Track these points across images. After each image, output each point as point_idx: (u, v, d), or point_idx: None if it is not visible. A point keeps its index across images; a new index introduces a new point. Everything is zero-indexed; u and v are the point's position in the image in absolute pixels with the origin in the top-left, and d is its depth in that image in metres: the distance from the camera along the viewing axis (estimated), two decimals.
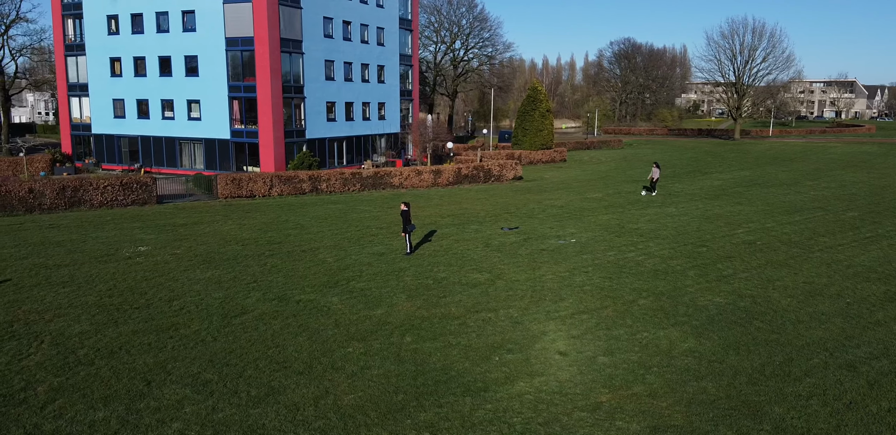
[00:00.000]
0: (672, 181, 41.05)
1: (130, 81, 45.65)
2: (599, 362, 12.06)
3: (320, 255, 20.38)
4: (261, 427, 9.59)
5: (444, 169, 41.34)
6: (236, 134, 42.97)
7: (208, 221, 26.64)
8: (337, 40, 45.96)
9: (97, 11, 45.53)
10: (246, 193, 35.10)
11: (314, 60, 44.13)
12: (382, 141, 52.93)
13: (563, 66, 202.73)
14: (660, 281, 17.41)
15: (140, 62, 44.99)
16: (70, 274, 17.91)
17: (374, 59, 50.30)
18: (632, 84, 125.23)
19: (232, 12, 40.98)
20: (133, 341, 12.93)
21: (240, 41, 41.26)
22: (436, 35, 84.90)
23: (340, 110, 47.39)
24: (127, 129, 46.75)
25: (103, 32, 45.70)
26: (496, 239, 22.84)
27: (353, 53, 47.76)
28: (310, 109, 44.35)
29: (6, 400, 10.26)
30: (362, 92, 49.49)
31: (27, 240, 22.56)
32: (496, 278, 17.66)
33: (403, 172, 39.79)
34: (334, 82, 46.27)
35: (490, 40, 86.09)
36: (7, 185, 30.16)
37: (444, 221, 26.72)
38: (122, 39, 45.18)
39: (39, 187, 30.59)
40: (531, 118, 55.09)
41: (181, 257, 20.06)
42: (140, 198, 32.72)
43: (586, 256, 20.31)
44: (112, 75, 46.25)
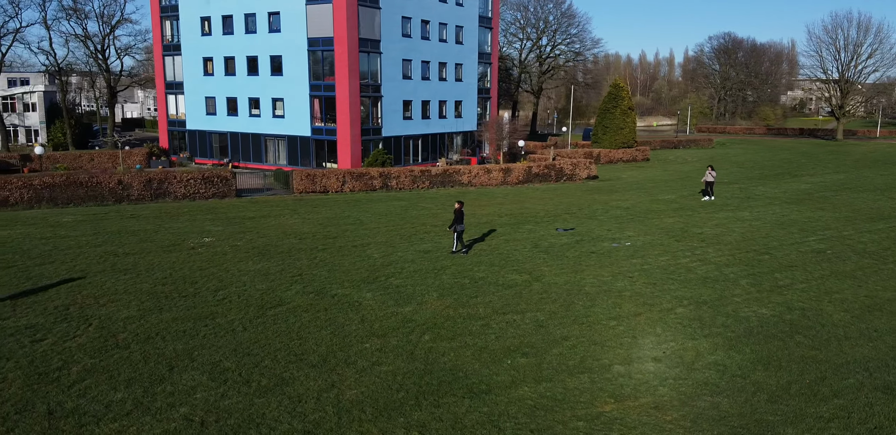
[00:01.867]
0: (756, 184, 39.01)
1: (221, 80, 48.06)
2: (614, 371, 11.72)
3: (368, 250, 20.81)
4: (260, 416, 9.97)
5: (514, 167, 41.09)
6: (316, 131, 44.39)
7: (276, 215, 27.74)
8: (415, 39, 46.54)
9: (192, 13, 48.21)
10: (319, 189, 36.24)
11: (392, 59, 44.90)
12: (458, 139, 53.19)
13: (661, 61, 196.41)
14: (706, 289, 16.67)
15: (230, 62, 47.28)
16: (134, 262, 19.17)
17: (453, 57, 50.58)
18: (731, 80, 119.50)
19: (314, 13, 42.34)
20: (170, 328, 13.71)
21: (321, 41, 42.58)
22: (521, 32, 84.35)
23: (417, 108, 48.00)
24: (217, 126, 49.26)
25: (197, 33, 48.35)
26: (547, 240, 22.53)
27: (430, 52, 48.23)
28: (386, 108, 45.18)
29: (41, 377, 11.16)
30: (439, 90, 49.89)
31: (106, 229, 24.29)
32: (534, 280, 17.45)
33: (472, 170, 39.87)
34: (411, 81, 46.91)
35: (578, 36, 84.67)
36: (98, 177, 32.54)
37: (502, 220, 26.61)
38: (214, 40, 47.63)
39: (127, 180, 32.81)
40: (612, 116, 53.78)
41: (239, 249, 21.02)
42: (220, 191, 34.45)
43: (636, 260, 19.70)
44: (205, 74, 48.86)
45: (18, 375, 11.22)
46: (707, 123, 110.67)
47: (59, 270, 18.06)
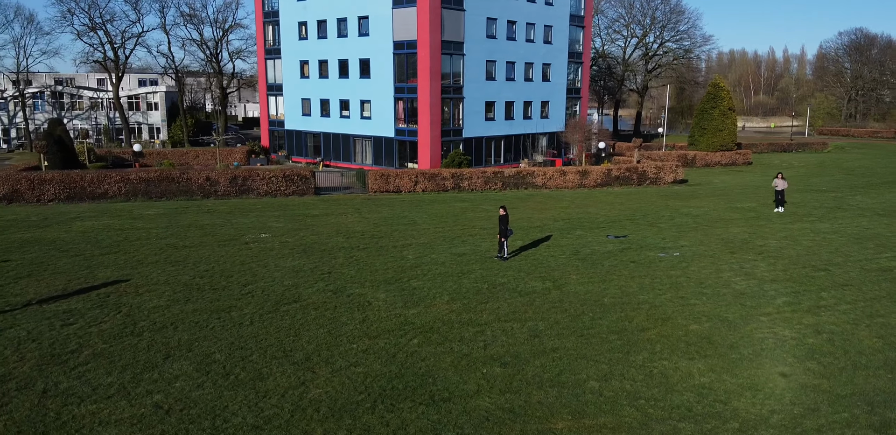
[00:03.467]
0: (855, 192, 35.88)
1: (316, 82, 50.17)
2: (587, 387, 11.36)
3: (405, 251, 21.16)
4: (222, 408, 10.53)
5: (593, 170, 40.10)
6: (399, 132, 45.38)
7: (339, 213, 28.73)
8: (500, 40, 46.45)
9: (291, 18, 50.63)
10: (392, 189, 37.08)
11: (475, 61, 45.06)
12: (544, 140, 52.53)
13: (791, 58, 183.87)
14: (735, 306, 15.67)
15: (323, 65, 49.25)
16: (186, 255, 20.57)
17: (540, 57, 50.01)
18: (864, 79, 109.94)
19: (399, 17, 43.28)
20: (186, 319, 14.67)
21: (405, 44, 43.47)
22: (626, 29, 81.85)
23: (500, 109, 47.89)
24: (312, 126, 51.48)
25: (295, 37, 50.73)
26: (592, 247, 21.94)
27: (516, 53, 47.94)
28: (468, 109, 45.43)
29: (53, 358, 12.33)
30: (524, 91, 49.50)
31: (179, 222, 26.15)
32: (555, 288, 17.10)
33: (547, 172, 39.31)
34: (495, 82, 46.86)
35: (687, 33, 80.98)
36: (188, 173, 35.00)
37: (556, 224, 26.15)
38: (310, 44, 49.78)
39: (215, 176, 35.06)
40: (710, 117, 51.18)
41: (286, 245, 22.02)
42: (300, 189, 36.06)
43: (675, 271, 18.81)
44: (301, 77, 51.19)
45: (35, 355, 12.46)
46: (834, 125, 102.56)
47: (118, 260, 19.73)
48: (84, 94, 70.92)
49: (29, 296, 16.11)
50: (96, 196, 33.29)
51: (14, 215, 27.73)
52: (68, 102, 70.60)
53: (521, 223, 26.26)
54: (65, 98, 70.54)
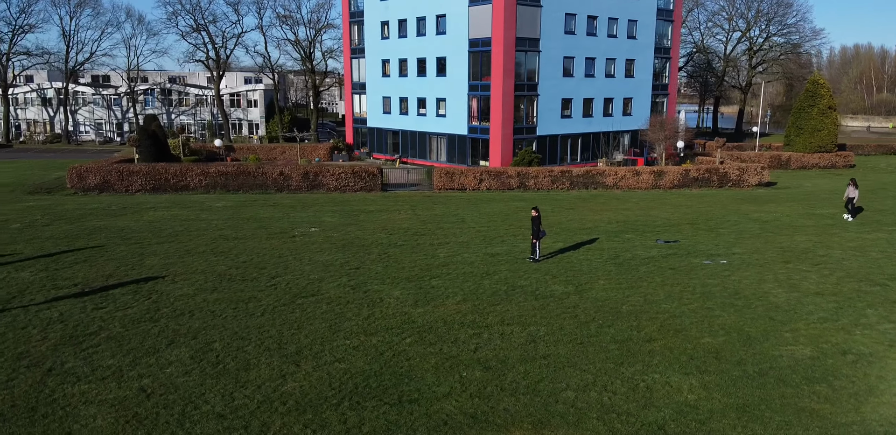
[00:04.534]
0: None
1: (396, 81, 50.99)
2: (561, 397, 10.96)
3: (440, 250, 21.18)
4: (198, 395, 10.99)
5: (669, 170, 38.44)
6: (472, 130, 45.35)
7: (393, 210, 29.14)
8: (579, 36, 45.35)
9: (374, 18, 51.68)
10: (457, 186, 37.15)
11: (551, 57, 44.26)
12: (626, 138, 50.86)
13: None
14: (760, 320, 14.64)
15: (403, 63, 49.96)
16: (233, 246, 21.55)
17: (623, 53, 48.42)
18: None
19: (475, 14, 43.19)
20: (205, 307, 15.40)
21: (480, 42, 43.33)
22: (728, 22, 77.59)
23: (577, 107, 46.81)
24: (391, 124, 52.39)
25: (377, 37, 51.75)
26: (635, 252, 21.10)
27: (597, 48, 46.65)
28: (542, 106, 44.72)
29: (71, 339, 13.30)
30: (605, 87, 48.12)
31: (241, 215, 27.39)
32: (575, 293, 16.60)
33: (619, 172, 38.07)
34: (572, 78, 45.84)
35: (795, 26, 75.80)
36: (263, 168, 36.58)
37: (608, 227, 25.32)
38: (391, 43, 50.63)
39: (288, 171, 36.47)
40: (807, 116, 47.73)
41: (329, 240, 22.59)
42: (367, 185, 36.85)
43: (713, 280, 17.77)
44: (383, 75, 52.17)
45: (57, 335, 13.49)
46: None
47: (169, 249, 20.95)
48: (190, 92, 75.50)
49: (77, 280, 17.45)
50: (179, 188, 35.45)
51: (98, 204, 30.03)
52: (176, 99, 75.43)
53: (571, 225, 25.64)
54: (173, 95, 75.41)
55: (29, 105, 75.30)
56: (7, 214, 26.85)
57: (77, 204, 30.07)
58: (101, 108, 75.94)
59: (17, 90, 73.71)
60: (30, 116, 75.66)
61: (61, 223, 25.15)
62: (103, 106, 75.92)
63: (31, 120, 75.83)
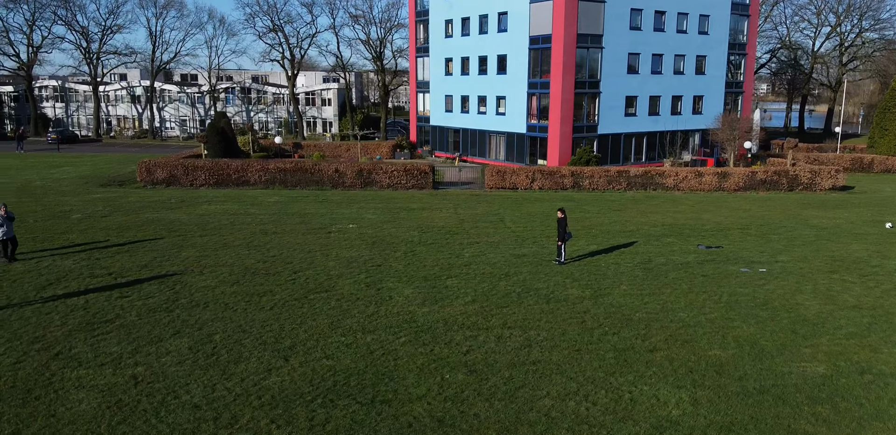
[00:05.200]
0: None
1: (458, 79, 50.97)
2: (536, 405, 10.60)
3: (467, 249, 20.98)
4: (182, 386, 11.29)
5: (734, 172, 36.66)
6: (531, 128, 44.76)
7: (436, 208, 29.12)
8: (645, 32, 43.89)
9: (438, 17, 51.80)
10: (508, 185, 36.74)
11: (615, 54, 43.06)
12: (696, 138, 48.86)
13: None
14: (781, 334, 13.71)
15: (465, 62, 49.86)
16: (268, 241, 22.09)
17: (694, 49, 46.50)
18: None
19: (536, 11, 42.55)
20: (221, 300, 15.84)
21: (540, 39, 42.67)
22: (816, 17, 73.11)
23: (643, 105, 45.34)
24: (453, 122, 52.42)
25: (441, 35, 51.85)
26: (670, 257, 20.23)
27: (664, 45, 45.02)
28: (605, 104, 43.57)
29: (86, 326, 13.97)
30: (673, 85, 46.38)
31: (287, 210, 28.07)
32: (590, 298, 16.07)
33: (680, 173, 36.62)
34: (637, 76, 44.42)
35: (889, 22, 70.60)
36: (320, 165, 37.36)
37: (652, 230, 24.40)
38: (454, 41, 50.63)
39: (342, 169, 37.12)
40: (892, 116, 44.45)
41: (362, 236, 22.79)
42: (419, 183, 37.01)
43: (744, 289, 16.80)
44: (446, 74, 52.25)
45: (76, 322, 14.21)
46: None
47: (207, 242, 21.70)
48: (268, 90, 78.10)
49: (113, 269, 18.36)
50: (240, 183, 36.70)
51: (159, 197, 31.50)
52: (255, 97, 78.21)
53: (613, 227, 24.87)
54: (252, 93, 78.23)
55: (119, 102, 79.89)
56: (73, 205, 28.58)
57: (140, 197, 31.65)
58: (186, 106, 79.66)
59: (108, 88, 78.36)
60: (120, 113, 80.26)
61: (118, 215, 26.53)
62: (188, 103, 79.62)
63: (121, 116, 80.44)
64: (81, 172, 41.08)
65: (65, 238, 22.07)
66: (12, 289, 16.35)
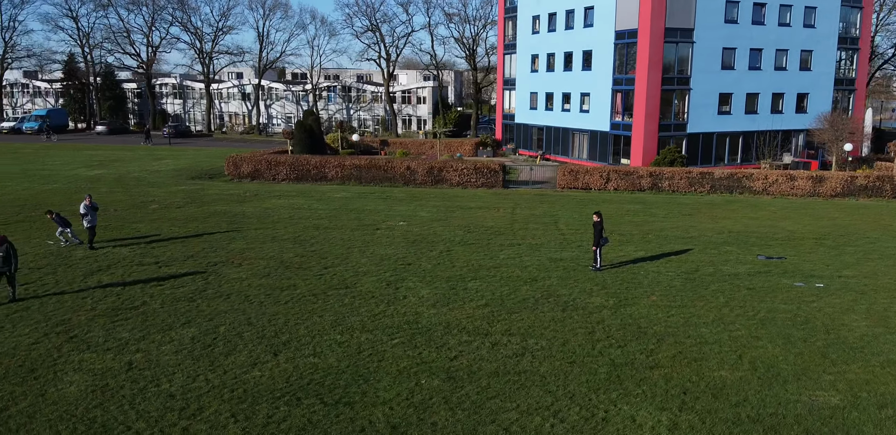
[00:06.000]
0: None
1: (543, 76, 50.01)
2: (501, 418, 10.12)
3: (505, 251, 20.48)
4: (168, 374, 11.66)
5: (830, 176, 33.70)
6: (615, 126, 43.17)
7: (493, 207, 28.65)
8: (742, 25, 41.10)
9: (526, 13, 51.01)
10: (581, 185, 35.65)
11: (707, 49, 40.63)
12: (800, 138, 45.28)
13: None
14: (809, 356, 12.38)
15: (551, 58, 48.81)
16: (315, 235, 22.56)
17: (798, 43, 43.06)
18: None
19: (622, 5, 40.91)
20: (244, 292, 16.31)
21: (626, 34, 41.00)
22: None
23: (738, 102, 42.53)
24: (537, 120, 51.53)
25: (528, 32, 51.03)
26: (720, 266, 18.84)
27: (764, 39, 41.98)
28: (695, 102, 41.25)
29: (112, 312, 14.79)
30: (774, 82, 43.20)
31: (348, 206, 28.55)
32: (611, 307, 15.22)
33: (770, 176, 34.10)
34: (733, 72, 41.70)
35: None
36: (392, 162, 37.81)
37: (714, 237, 22.83)
38: (541, 37, 49.68)
39: (414, 166, 37.40)
40: None
41: (406, 234, 22.78)
42: (489, 181, 36.67)
43: (789, 305, 15.34)
44: (531, 71, 51.42)
45: (104, 307, 15.08)
46: None
47: (259, 235, 22.46)
48: (367, 89, 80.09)
49: (162, 258, 19.38)
50: (318, 179, 37.83)
51: (236, 190, 33.00)
52: (354, 96, 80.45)
53: (672, 233, 23.50)
54: (352, 92, 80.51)
55: (231, 99, 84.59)
56: (155, 196, 30.50)
57: (219, 190, 33.30)
58: (291, 103, 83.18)
59: (221, 85, 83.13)
60: (232, 109, 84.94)
61: (191, 207, 28.04)
62: (292, 101, 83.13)
63: (232, 112, 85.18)
64: (179, 165, 43.78)
65: (132, 228, 23.57)
66: (64, 274, 17.64)
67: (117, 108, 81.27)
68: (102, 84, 78.75)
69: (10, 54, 77.38)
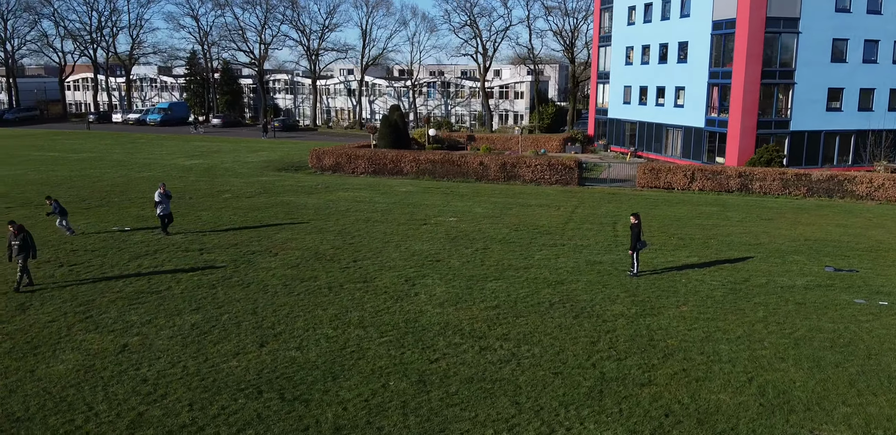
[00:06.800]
0: None
1: (637, 69, 47.71)
2: (450, 428, 9.50)
3: (543, 251, 19.56)
4: (154, 358, 11.94)
5: None
6: (710, 123, 40.40)
7: (554, 206, 27.53)
8: (856, 14, 37.13)
9: (622, 3, 48.79)
10: (663, 185, 33.68)
11: (815, 40, 37.06)
12: None
13: None
14: (825, 384, 10.87)
15: (646, 50, 46.45)
16: (360, 228, 22.58)
17: None
18: None
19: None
20: (265, 281, 16.50)
21: (724, 24, 38.19)
22: None
23: (851, 98, 38.55)
24: (630, 115, 49.27)
25: (624, 23, 48.80)
26: (777, 278, 17.04)
27: (881, 29, 37.71)
28: (799, 97, 37.79)
29: (136, 295, 15.36)
30: (892, 76, 38.79)
31: (408, 201, 28.45)
32: (628, 317, 14.09)
33: (875, 180, 30.68)
34: (845, 65, 37.82)
35: None
36: (466, 157, 37.39)
37: (783, 245, 20.75)
38: (636, 29, 47.38)
39: (487, 161, 36.80)
40: None
41: (449, 230, 22.29)
42: (563, 178, 35.44)
43: (835, 325, 13.58)
44: (625, 64, 49.18)
45: (130, 290, 15.72)
46: None
47: (307, 227, 22.77)
48: (465, 84, 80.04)
49: (208, 246, 20.06)
50: (394, 173, 38.10)
51: (310, 182, 33.79)
52: (453, 91, 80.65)
53: (739, 238, 21.60)
54: (450, 87, 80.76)
55: (337, 95, 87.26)
56: (233, 186, 31.79)
57: (295, 181, 34.25)
58: (393, 99, 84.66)
59: (328, 81, 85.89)
60: (338, 105, 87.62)
61: (261, 197, 28.97)
62: (394, 97, 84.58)
63: (338, 108, 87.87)
64: (271, 157, 45.52)
65: (196, 215, 24.64)
66: (113, 257, 18.63)
67: (234, 102, 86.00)
68: (221, 79, 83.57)
69: (137, 51, 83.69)
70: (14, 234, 15.28)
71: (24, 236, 15.41)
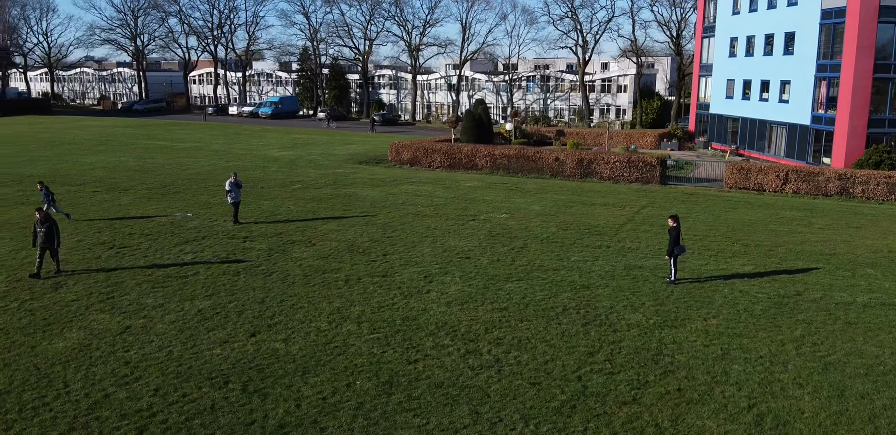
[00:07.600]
0: None
1: (741, 61, 44.42)
2: (399, 432, 8.97)
3: (581, 253, 18.47)
4: (144, 343, 12.20)
5: None
6: (816, 120, 36.91)
7: (621, 205, 26.05)
8: None
9: None
10: (753, 186, 31.13)
11: None
12: None
13: None
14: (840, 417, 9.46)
15: (751, 41, 43.10)
16: (407, 222, 22.32)
17: None
18: None
19: None
20: (289, 271, 16.62)
21: (833, 12, 34.66)
22: None
23: None
24: (733, 110, 46.01)
25: (728, 12, 45.54)
26: (836, 292, 15.20)
27: None
28: None
29: (164, 278, 15.89)
30: None
31: (468, 196, 27.91)
32: (644, 328, 12.93)
33: None
34: None
35: None
36: (541, 153, 36.30)
37: (860, 256, 18.46)
38: (741, 19, 44.08)
39: (563, 157, 35.56)
40: None
41: (494, 227, 21.60)
42: (644, 176, 33.61)
43: (876, 349, 11.90)
44: (729, 56, 45.91)
45: (160, 274, 16.31)
46: None
47: (356, 219, 22.86)
48: (565, 78, 78.11)
49: (253, 234, 20.55)
50: (469, 167, 37.64)
51: (381, 175, 34.01)
52: (552, 85, 78.93)
53: (813, 247, 19.48)
54: (550, 81, 79.08)
55: (438, 90, 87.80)
56: (307, 177, 32.52)
57: (369, 174, 34.61)
58: (492, 93, 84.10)
59: (430, 76, 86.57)
60: (439, 100, 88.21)
61: (328, 188, 29.44)
62: (493, 91, 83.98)
63: (439, 103, 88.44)
64: (358, 151, 46.35)
65: (258, 204, 25.38)
66: (162, 242, 19.44)
67: (341, 97, 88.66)
68: (329, 74, 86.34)
69: (253, 46, 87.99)
70: (41, 221, 15.98)
71: (49, 226, 15.82)
